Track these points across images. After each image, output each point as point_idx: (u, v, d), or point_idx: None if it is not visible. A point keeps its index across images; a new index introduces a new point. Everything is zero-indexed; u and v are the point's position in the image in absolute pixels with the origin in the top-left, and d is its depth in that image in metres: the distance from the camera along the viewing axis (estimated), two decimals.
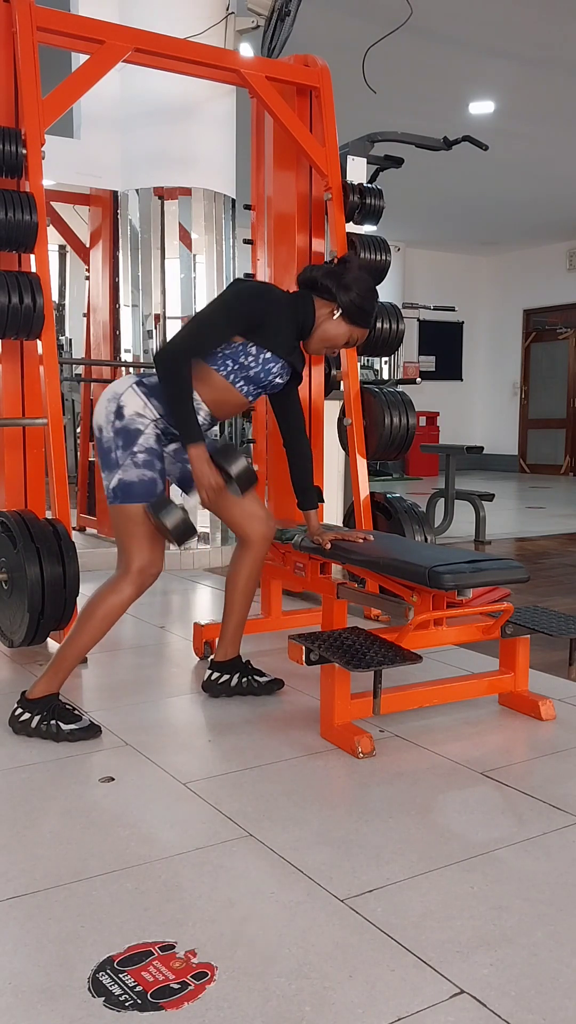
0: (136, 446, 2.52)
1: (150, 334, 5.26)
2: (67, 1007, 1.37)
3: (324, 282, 2.62)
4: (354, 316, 2.63)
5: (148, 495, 2.52)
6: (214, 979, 1.43)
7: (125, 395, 2.54)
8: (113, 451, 2.53)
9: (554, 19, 6.14)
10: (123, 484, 2.51)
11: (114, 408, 2.54)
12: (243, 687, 2.86)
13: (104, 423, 2.56)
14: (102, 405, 2.58)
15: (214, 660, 2.92)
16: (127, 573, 2.52)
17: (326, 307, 2.63)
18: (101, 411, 2.57)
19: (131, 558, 2.52)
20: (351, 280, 2.61)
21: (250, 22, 5.00)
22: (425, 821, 2.00)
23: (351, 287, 2.61)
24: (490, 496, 6.49)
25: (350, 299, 2.61)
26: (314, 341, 2.68)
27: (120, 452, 2.52)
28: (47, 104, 3.36)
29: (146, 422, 2.54)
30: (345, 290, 2.60)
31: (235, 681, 2.86)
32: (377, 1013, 1.35)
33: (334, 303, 2.62)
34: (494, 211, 11.37)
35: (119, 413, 2.53)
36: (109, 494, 2.55)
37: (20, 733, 2.51)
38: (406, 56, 6.46)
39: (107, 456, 2.54)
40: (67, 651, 2.54)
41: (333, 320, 2.63)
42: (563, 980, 1.44)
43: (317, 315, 2.63)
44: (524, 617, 2.76)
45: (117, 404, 2.54)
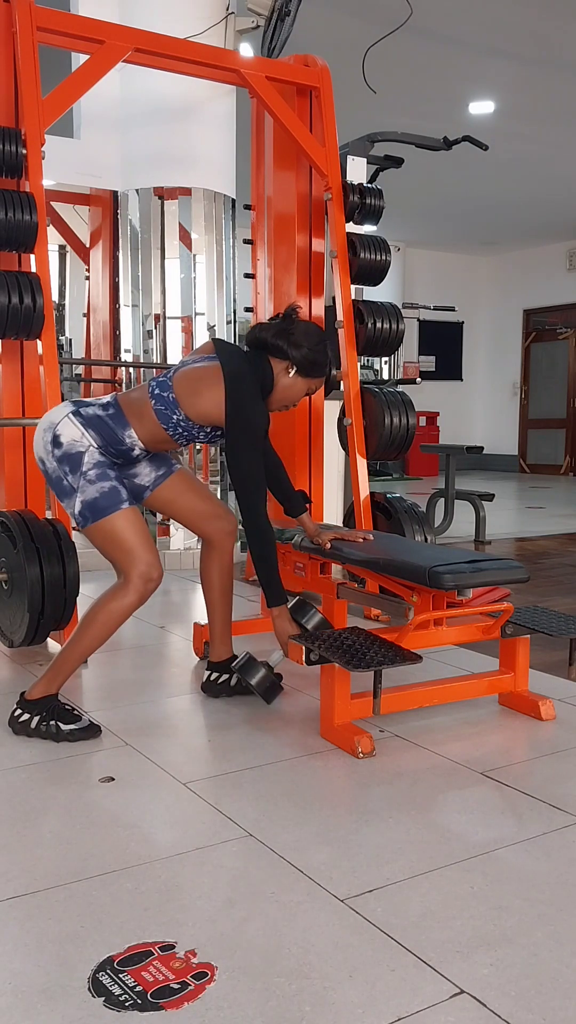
0: (84, 466, 2.48)
1: (150, 334, 5.26)
2: (67, 1007, 1.37)
3: (275, 342, 2.59)
4: (308, 370, 2.63)
5: (115, 503, 2.47)
6: (214, 979, 1.43)
7: (61, 424, 2.50)
8: (64, 479, 2.49)
9: (554, 19, 6.14)
10: (87, 504, 2.47)
11: (50, 438, 2.50)
12: (243, 686, 2.86)
13: (44, 454, 2.52)
14: (38, 436, 2.54)
15: (210, 661, 2.92)
16: (129, 582, 2.50)
17: (280, 364, 2.61)
18: (38, 442, 2.54)
19: (129, 567, 2.50)
20: (300, 336, 2.60)
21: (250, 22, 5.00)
22: (425, 821, 2.00)
23: (301, 343, 2.59)
24: (490, 496, 6.49)
25: (302, 355, 2.59)
26: (274, 401, 2.65)
27: (71, 477, 2.48)
28: (47, 104, 3.36)
29: (85, 444, 2.50)
30: (296, 347, 2.58)
31: (234, 681, 2.86)
32: (377, 1013, 1.35)
33: (287, 361, 2.60)
34: (494, 211, 11.36)
35: (56, 442, 2.49)
36: (78, 519, 2.50)
37: (20, 734, 2.51)
38: (406, 56, 6.46)
39: (59, 485, 2.51)
40: (68, 654, 2.53)
41: (289, 377, 2.62)
42: (563, 980, 1.44)
43: (275, 375, 2.61)
44: (524, 617, 2.76)
45: (53, 433, 2.50)
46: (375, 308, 4.05)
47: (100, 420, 2.53)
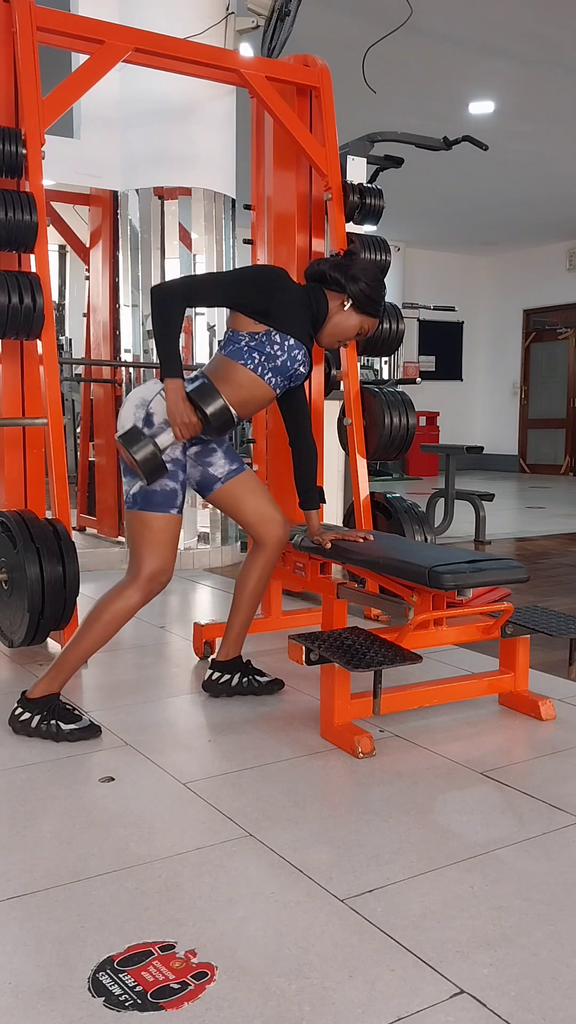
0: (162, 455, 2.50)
1: (150, 334, 5.26)
2: (67, 1007, 1.37)
3: (333, 274, 2.65)
4: (364, 305, 2.67)
5: (168, 505, 2.52)
6: (214, 979, 1.43)
7: (155, 402, 2.53)
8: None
9: (554, 19, 6.14)
10: (144, 492, 2.51)
11: (143, 415, 2.52)
12: (244, 687, 2.86)
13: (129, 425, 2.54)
14: (129, 410, 2.55)
15: (215, 660, 2.92)
16: (136, 579, 2.51)
17: (336, 299, 2.67)
18: (128, 416, 2.55)
19: (142, 564, 2.51)
20: (359, 271, 2.65)
21: (250, 22, 4.99)
22: (425, 821, 2.00)
23: (359, 277, 2.64)
24: (490, 496, 6.49)
25: (359, 289, 2.64)
26: (326, 334, 2.70)
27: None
28: (47, 104, 3.36)
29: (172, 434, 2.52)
30: (354, 280, 2.63)
31: (236, 681, 2.86)
32: (377, 1013, 1.35)
33: (344, 294, 2.66)
34: (494, 211, 11.37)
35: (148, 420, 2.52)
36: (129, 499, 2.54)
37: (20, 733, 2.51)
38: (406, 56, 6.46)
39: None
40: (70, 654, 2.53)
41: (344, 311, 2.67)
42: (563, 980, 1.44)
43: (329, 307, 2.66)
44: (524, 617, 2.76)
45: (146, 411, 2.52)
46: None
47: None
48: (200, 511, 5.38)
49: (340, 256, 2.74)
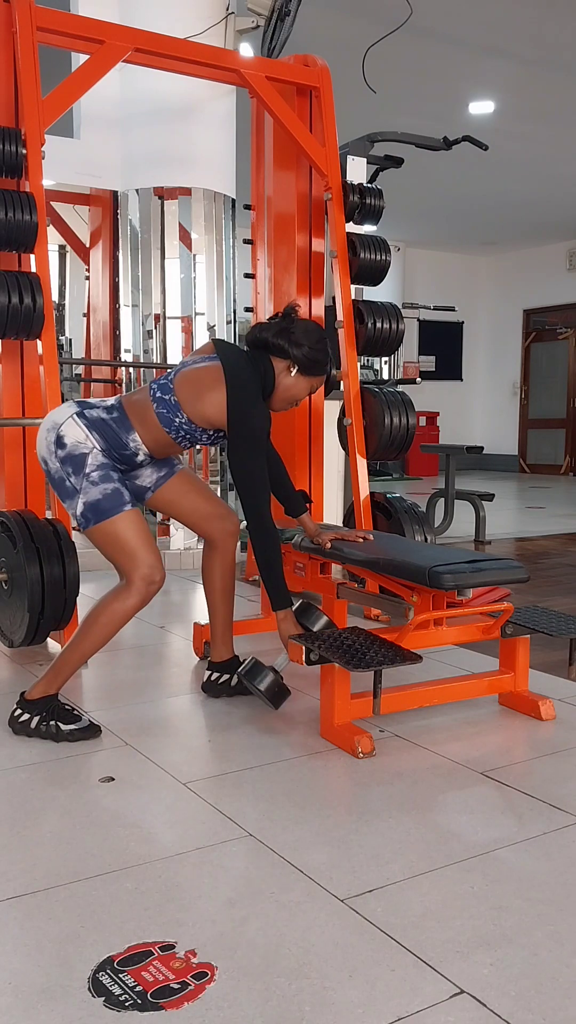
0: (87, 467, 2.47)
1: (150, 334, 5.26)
2: (67, 1007, 1.37)
3: (276, 342, 2.60)
4: (310, 368, 2.63)
5: (117, 506, 2.47)
6: (214, 979, 1.43)
7: (65, 425, 2.49)
8: (66, 479, 2.48)
9: (554, 19, 6.14)
10: (89, 506, 2.47)
11: (54, 438, 2.49)
12: (243, 687, 2.86)
13: (47, 454, 2.51)
14: (41, 436, 2.53)
15: (211, 661, 2.92)
16: (131, 584, 2.49)
17: (281, 363, 2.62)
18: (41, 442, 2.53)
19: (130, 571, 2.49)
20: (301, 335, 2.61)
21: (250, 22, 4.99)
22: (425, 821, 2.00)
23: (301, 342, 2.60)
24: (490, 496, 6.48)
25: (303, 354, 2.60)
26: (277, 400, 2.66)
27: (73, 478, 2.47)
28: (47, 104, 3.36)
29: (89, 446, 2.49)
30: (296, 346, 2.59)
31: (235, 681, 2.86)
32: (377, 1013, 1.35)
33: (289, 360, 2.61)
34: (494, 211, 11.36)
35: (60, 442, 2.48)
36: (80, 521, 2.49)
37: (20, 733, 2.51)
38: (406, 56, 6.46)
39: (62, 486, 2.50)
40: (68, 655, 2.53)
41: (291, 376, 2.63)
42: (563, 980, 1.44)
43: (276, 374, 2.62)
44: (524, 617, 2.76)
45: (57, 434, 2.49)
46: (375, 308, 4.05)
47: (104, 423, 2.53)
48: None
49: (279, 319, 2.67)
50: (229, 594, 2.89)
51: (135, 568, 2.48)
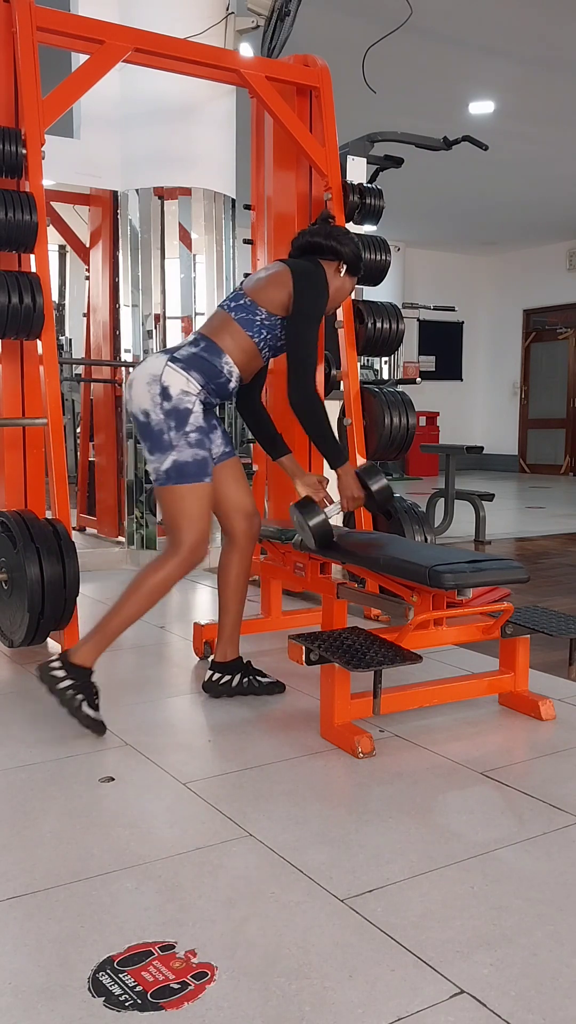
0: (188, 426, 2.53)
1: (150, 334, 5.26)
2: (67, 1007, 1.37)
3: (327, 243, 2.73)
4: (355, 267, 2.78)
5: (201, 474, 2.55)
6: (214, 979, 1.43)
7: (165, 375, 2.54)
8: (165, 433, 2.52)
9: (554, 19, 6.14)
10: (178, 465, 2.52)
11: (158, 390, 2.53)
12: (244, 687, 2.86)
13: (150, 407, 2.54)
14: (142, 388, 2.55)
15: (214, 661, 2.91)
16: (178, 551, 2.53)
17: (331, 266, 2.74)
18: (143, 395, 2.55)
19: (183, 536, 2.54)
20: (341, 234, 2.76)
21: (250, 22, 4.99)
22: (425, 821, 2.00)
23: (346, 241, 2.75)
24: (490, 496, 6.48)
25: (351, 251, 2.75)
26: (331, 303, 2.77)
27: (174, 433, 2.52)
28: (47, 104, 3.36)
29: (192, 399, 2.55)
30: (344, 244, 2.74)
31: (236, 681, 2.86)
32: (377, 1013, 1.35)
33: (338, 260, 2.74)
34: (494, 211, 11.36)
35: (165, 394, 2.53)
36: (160, 476, 2.55)
37: (44, 682, 2.48)
38: (406, 56, 6.46)
39: (159, 439, 2.53)
40: (112, 621, 2.53)
41: (341, 277, 2.76)
42: (563, 980, 1.44)
43: (328, 276, 2.71)
44: (524, 617, 2.76)
45: (161, 385, 2.53)
46: (375, 308, 4.05)
47: (196, 357, 2.58)
48: None
49: (319, 224, 2.81)
50: (242, 594, 2.91)
51: (191, 533, 2.54)
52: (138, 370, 2.62)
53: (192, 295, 5.32)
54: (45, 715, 2.71)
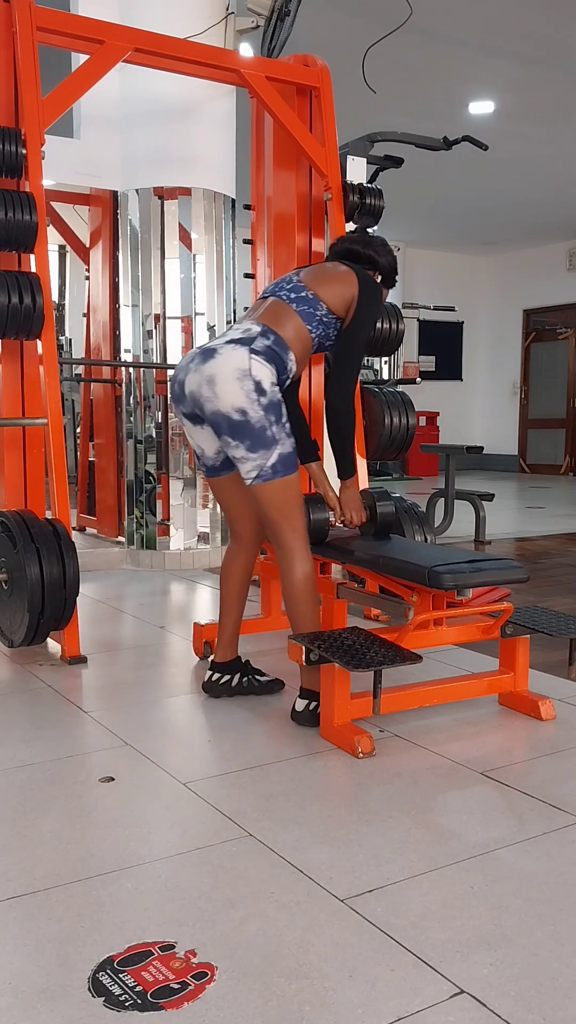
0: (283, 416, 2.52)
1: (150, 334, 5.26)
2: (67, 1007, 1.37)
3: (366, 252, 2.76)
4: (390, 278, 2.82)
5: (296, 460, 2.57)
6: (214, 979, 1.43)
7: (255, 368, 2.47)
8: (268, 428, 2.48)
9: (554, 19, 6.14)
10: (283, 457, 2.51)
11: (252, 386, 2.46)
12: (244, 687, 2.86)
13: (247, 404, 2.46)
14: (232, 385, 2.45)
15: (214, 661, 2.91)
16: (301, 543, 2.55)
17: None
18: (235, 392, 2.45)
19: (297, 525, 2.55)
20: (379, 245, 2.80)
21: (250, 22, 4.99)
22: (425, 821, 2.00)
23: (383, 252, 2.79)
24: (490, 496, 6.48)
25: (387, 262, 2.79)
26: None
27: (276, 428, 2.50)
28: (47, 104, 3.36)
29: (278, 390, 2.53)
30: (381, 255, 2.78)
31: (236, 681, 2.86)
32: (377, 1013, 1.35)
33: (374, 270, 2.78)
34: (494, 211, 11.36)
35: (260, 389, 2.47)
36: (265, 471, 2.50)
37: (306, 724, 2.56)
38: (406, 56, 6.46)
39: (261, 435, 2.48)
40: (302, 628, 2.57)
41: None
42: (563, 980, 1.44)
43: None
44: (524, 617, 2.76)
45: (254, 380, 2.46)
46: None
47: (271, 351, 2.54)
48: (200, 511, 5.37)
49: (357, 233, 2.87)
50: (244, 596, 2.93)
51: (300, 521, 2.56)
52: (212, 366, 2.49)
53: (192, 295, 5.32)
54: (45, 715, 2.71)
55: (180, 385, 2.60)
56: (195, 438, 2.71)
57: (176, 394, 2.64)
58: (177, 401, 2.65)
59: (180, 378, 2.60)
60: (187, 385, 2.55)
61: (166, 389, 5.30)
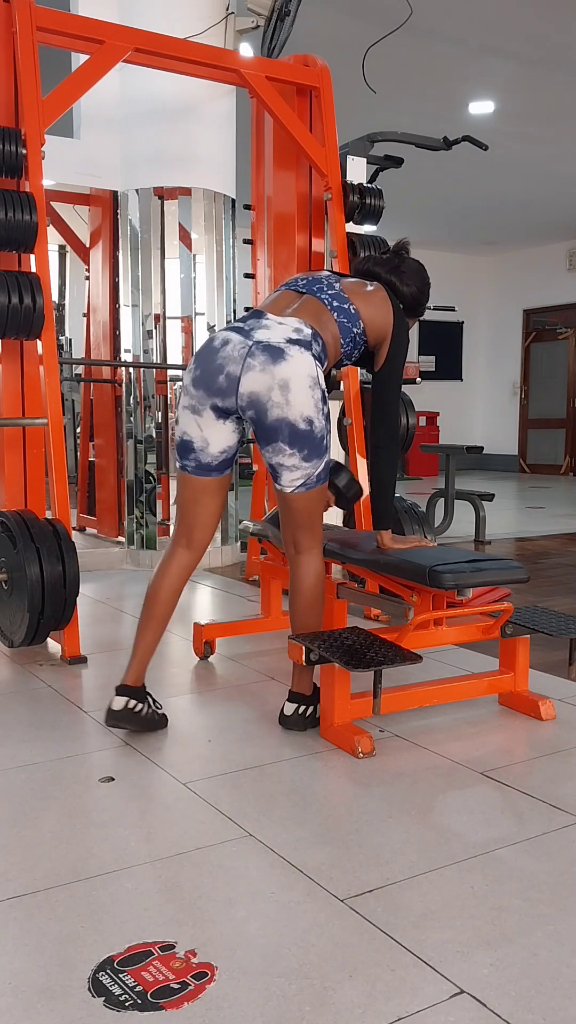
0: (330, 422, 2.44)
1: (150, 334, 5.26)
2: (67, 1007, 1.37)
3: (388, 278, 2.64)
4: (414, 310, 2.70)
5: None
6: (214, 979, 1.43)
7: (318, 374, 2.35)
8: (326, 437, 2.39)
9: (554, 19, 6.13)
10: (327, 464, 2.44)
11: (319, 395, 2.35)
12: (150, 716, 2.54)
13: (314, 413, 2.33)
14: (306, 394, 2.31)
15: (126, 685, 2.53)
16: (317, 548, 2.52)
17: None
18: (306, 401, 2.31)
19: (318, 530, 2.51)
20: (411, 274, 2.67)
21: (250, 22, 4.99)
22: (425, 821, 2.00)
23: (411, 282, 2.66)
24: (490, 496, 6.48)
25: (411, 293, 2.66)
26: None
27: (328, 434, 2.40)
28: (47, 104, 3.36)
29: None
30: (407, 284, 2.65)
31: (146, 710, 2.52)
32: (377, 1013, 1.35)
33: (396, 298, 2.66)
34: (494, 211, 11.36)
35: (324, 398, 2.37)
36: (312, 480, 2.40)
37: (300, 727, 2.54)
38: (406, 56, 6.46)
39: (319, 444, 2.37)
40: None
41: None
42: (563, 980, 1.44)
43: None
44: (524, 617, 2.76)
45: (320, 389, 2.35)
46: None
47: (323, 358, 2.42)
48: None
49: (390, 255, 2.70)
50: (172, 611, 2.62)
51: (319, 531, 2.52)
52: (287, 369, 2.30)
53: (192, 295, 5.32)
54: (45, 715, 2.71)
55: (231, 379, 2.33)
56: (205, 431, 2.42)
57: (218, 386, 2.35)
58: (216, 393, 2.35)
59: (231, 371, 2.33)
60: (248, 384, 2.31)
61: (166, 389, 5.30)
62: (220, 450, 2.47)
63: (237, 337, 2.37)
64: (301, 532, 2.50)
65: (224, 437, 2.46)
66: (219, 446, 2.46)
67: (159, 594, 2.56)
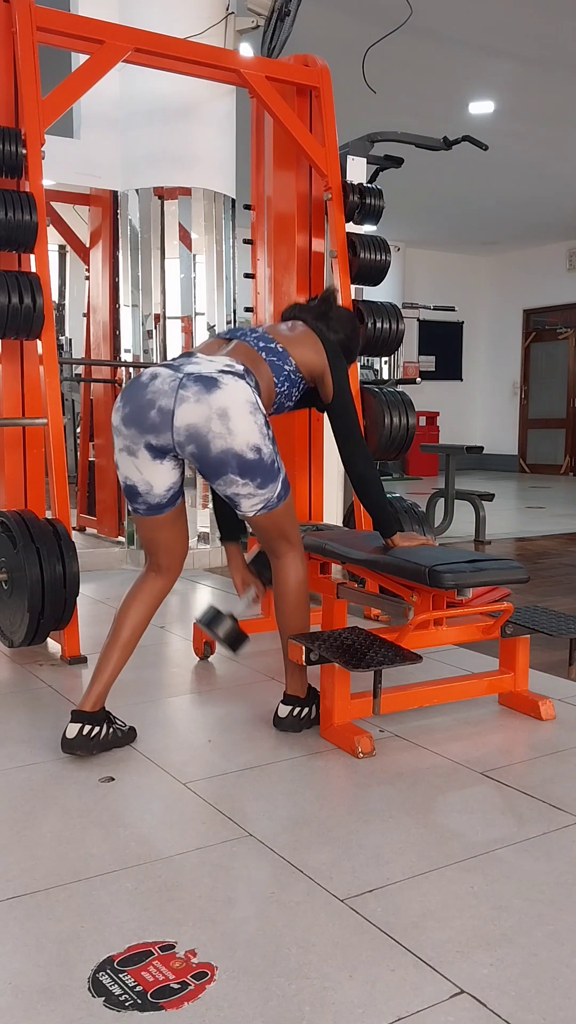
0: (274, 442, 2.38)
1: (150, 334, 5.26)
2: (67, 1007, 1.37)
3: (315, 324, 2.65)
4: (347, 352, 2.71)
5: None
6: (214, 979, 1.43)
7: (256, 399, 2.30)
8: (276, 459, 2.35)
9: (554, 19, 6.14)
10: (284, 481, 2.41)
11: (262, 420, 2.30)
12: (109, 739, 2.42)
13: (260, 439, 2.28)
14: (248, 422, 2.25)
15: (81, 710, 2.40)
16: (295, 550, 2.52)
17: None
18: (250, 428, 2.26)
19: (293, 537, 2.50)
20: (337, 321, 2.69)
21: (250, 22, 4.99)
22: (425, 821, 2.00)
23: (338, 328, 2.68)
24: (490, 496, 6.48)
25: (338, 340, 2.66)
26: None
27: (277, 457, 2.36)
28: (47, 104, 3.36)
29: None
30: (334, 332, 2.66)
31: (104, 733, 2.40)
32: (377, 1013, 1.35)
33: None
34: (494, 211, 11.36)
35: (266, 421, 2.33)
36: (272, 502, 2.37)
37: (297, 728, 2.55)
38: (406, 56, 6.46)
39: (270, 468, 2.32)
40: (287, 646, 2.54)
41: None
42: (563, 980, 1.44)
43: None
44: (524, 617, 2.76)
45: (261, 414, 2.31)
46: (375, 308, 4.05)
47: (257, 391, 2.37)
48: (200, 511, 5.38)
49: (318, 302, 2.72)
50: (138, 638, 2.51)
51: (294, 538, 2.51)
52: (222, 397, 2.24)
53: (192, 295, 5.32)
54: (45, 715, 2.72)
55: (163, 414, 2.25)
56: (145, 473, 2.35)
57: (150, 422, 2.26)
58: (149, 430, 2.27)
59: (163, 405, 2.25)
60: (184, 416, 2.23)
61: None
62: (166, 488, 2.40)
63: (167, 371, 2.31)
64: (275, 542, 2.51)
65: (165, 477, 2.38)
66: (163, 485, 2.39)
67: (127, 619, 2.47)
